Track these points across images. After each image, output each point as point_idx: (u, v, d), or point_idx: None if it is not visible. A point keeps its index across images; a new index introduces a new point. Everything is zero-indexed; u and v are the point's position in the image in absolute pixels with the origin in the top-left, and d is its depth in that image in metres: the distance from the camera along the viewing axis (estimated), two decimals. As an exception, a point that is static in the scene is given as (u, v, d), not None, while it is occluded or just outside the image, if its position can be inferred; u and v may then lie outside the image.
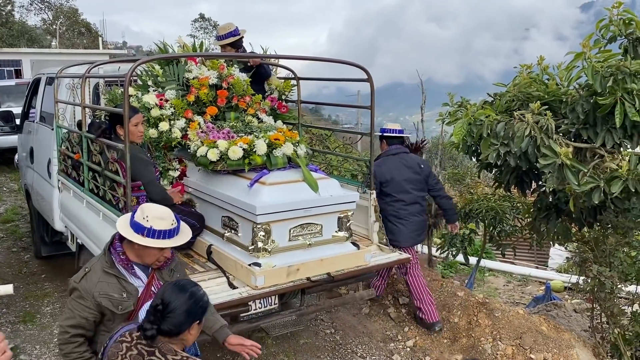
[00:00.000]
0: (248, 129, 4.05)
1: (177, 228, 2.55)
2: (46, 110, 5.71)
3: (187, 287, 2.22)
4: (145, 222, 2.47)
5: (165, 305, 2.13)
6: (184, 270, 3.02)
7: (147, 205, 2.59)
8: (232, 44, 4.87)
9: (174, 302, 2.14)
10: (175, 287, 2.20)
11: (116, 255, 2.57)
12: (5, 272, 6.18)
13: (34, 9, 39.04)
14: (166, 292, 2.18)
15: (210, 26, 44.96)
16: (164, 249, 2.54)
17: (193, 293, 2.19)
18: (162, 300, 2.15)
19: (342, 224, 3.78)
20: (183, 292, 2.18)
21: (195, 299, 2.18)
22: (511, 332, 4.39)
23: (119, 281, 2.55)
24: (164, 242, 2.50)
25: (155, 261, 2.58)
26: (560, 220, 4.53)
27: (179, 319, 2.13)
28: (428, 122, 11.59)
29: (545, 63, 4.25)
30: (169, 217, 2.53)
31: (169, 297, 2.15)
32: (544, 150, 3.60)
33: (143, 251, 2.53)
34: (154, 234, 2.46)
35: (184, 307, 2.14)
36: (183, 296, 2.16)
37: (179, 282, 2.27)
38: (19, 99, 11.05)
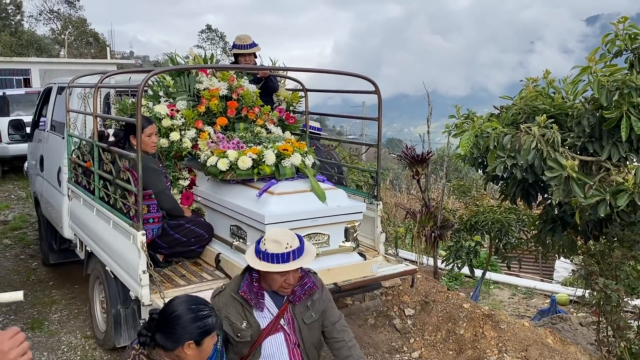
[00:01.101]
0: (257, 139, 4.11)
1: (296, 251, 2.41)
2: (57, 119, 5.78)
3: (190, 303, 2.08)
4: (262, 245, 2.42)
5: (160, 316, 2.03)
6: (333, 311, 2.74)
7: (272, 229, 2.53)
8: (252, 53, 5.02)
9: (170, 314, 2.02)
10: (179, 301, 2.08)
11: (248, 281, 2.49)
12: (13, 279, 6.23)
13: (43, 18, 39.52)
14: (170, 303, 2.08)
15: (217, 37, 45.32)
16: (285, 274, 2.41)
17: (193, 310, 2.03)
18: (162, 310, 2.05)
19: (349, 234, 3.81)
20: (184, 307, 2.05)
21: (193, 317, 2.02)
22: (517, 345, 4.39)
23: (243, 309, 2.46)
24: (278, 266, 2.38)
25: (280, 288, 2.45)
26: (566, 233, 4.55)
27: (170, 333, 2.01)
28: (433, 133, 11.65)
29: (551, 76, 4.30)
30: (284, 240, 2.41)
31: (169, 308, 2.04)
32: (550, 163, 3.63)
33: (265, 276, 2.45)
34: (268, 257, 2.38)
35: (177, 322, 2.00)
36: (182, 311, 2.03)
37: (187, 298, 2.13)
38: (29, 107, 11.19)
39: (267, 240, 2.41)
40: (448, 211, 6.82)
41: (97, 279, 4.47)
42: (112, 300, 4.07)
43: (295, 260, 2.41)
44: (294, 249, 2.40)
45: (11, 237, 7.87)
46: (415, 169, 6.05)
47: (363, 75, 4.24)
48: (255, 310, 2.48)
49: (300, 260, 2.42)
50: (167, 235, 3.79)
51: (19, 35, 33.04)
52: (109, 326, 4.19)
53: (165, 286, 3.49)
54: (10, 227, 8.26)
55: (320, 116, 8.21)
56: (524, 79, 4.56)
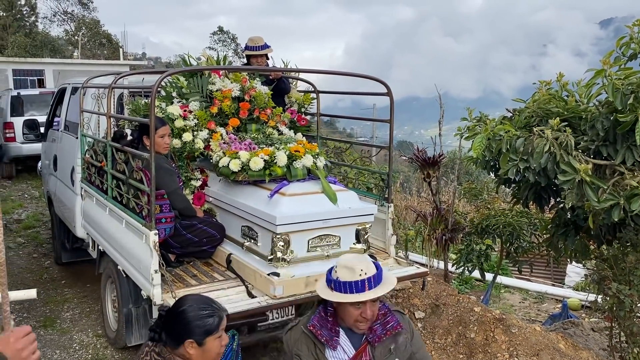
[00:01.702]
0: (269, 140, 4.13)
1: (372, 279, 2.11)
2: (71, 119, 5.84)
3: (196, 302, 2.05)
4: (333, 273, 2.15)
5: (167, 313, 2.04)
6: (424, 353, 2.38)
7: (343, 256, 2.24)
8: (264, 55, 5.02)
9: (174, 312, 2.02)
10: (186, 300, 2.07)
11: (320, 314, 2.22)
12: (26, 278, 6.29)
13: (57, 20, 39.91)
14: (177, 301, 2.07)
15: (229, 39, 45.49)
16: (360, 306, 2.11)
17: (196, 309, 2.00)
18: (169, 308, 2.05)
19: (360, 236, 3.82)
20: (188, 306, 2.02)
21: (193, 315, 1.99)
22: (528, 349, 4.36)
23: (315, 347, 2.19)
24: (351, 296, 2.08)
25: (356, 322, 2.15)
26: (578, 237, 4.51)
27: (173, 331, 2.00)
28: (444, 136, 11.63)
29: (564, 79, 4.27)
30: (358, 267, 2.12)
31: (175, 306, 2.04)
32: (564, 166, 3.61)
33: (339, 309, 2.17)
34: (340, 286, 2.09)
35: (179, 320, 2.00)
36: (185, 310, 2.01)
37: (195, 297, 2.12)
38: (42, 107, 11.31)
39: (339, 267, 2.14)
40: (459, 214, 6.79)
41: (109, 278, 4.50)
42: (123, 299, 4.10)
43: (372, 290, 2.10)
44: (369, 277, 2.10)
45: (24, 235, 7.96)
46: (427, 171, 6.03)
47: (375, 77, 4.24)
48: (327, 349, 2.19)
49: (377, 289, 2.12)
50: (179, 235, 3.82)
51: (33, 36, 33.39)
52: (120, 325, 4.21)
53: (177, 286, 3.52)
54: (23, 226, 8.35)
55: (331, 118, 8.21)
56: (536, 82, 4.53)
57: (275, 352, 4.47)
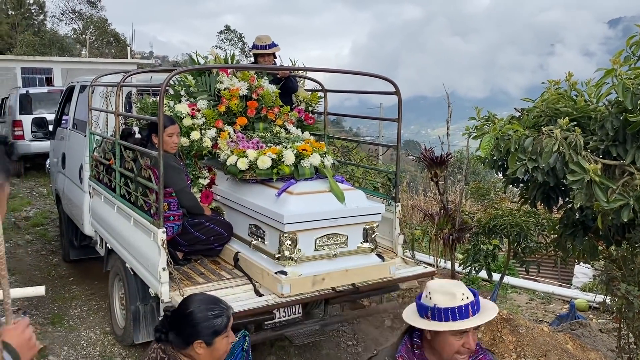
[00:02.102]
0: (276, 139, 4.13)
1: (474, 304, 1.90)
2: (79, 118, 5.87)
3: (203, 302, 2.04)
4: (427, 299, 1.92)
5: (173, 314, 2.03)
6: None
7: (432, 281, 2.05)
8: (271, 54, 5.03)
9: (182, 313, 2.01)
10: (192, 300, 2.07)
11: (407, 345, 2.00)
12: (34, 275, 6.33)
13: (65, 18, 40.16)
14: (184, 301, 2.07)
15: (236, 38, 45.57)
16: (463, 335, 1.89)
17: (204, 310, 2.00)
18: (175, 309, 2.05)
19: (368, 235, 3.81)
20: (195, 306, 2.02)
21: (202, 316, 1.98)
22: (536, 350, 4.34)
23: None
24: (457, 323, 1.86)
25: (456, 355, 1.92)
26: (587, 238, 4.48)
27: (181, 331, 2.00)
28: (451, 136, 11.62)
29: (573, 79, 4.24)
30: (458, 291, 1.92)
31: (182, 306, 2.04)
32: (572, 166, 3.58)
33: (435, 341, 1.93)
34: (441, 314, 1.86)
35: (187, 321, 1.99)
36: (193, 310, 2.00)
37: (202, 297, 2.11)
38: (51, 105, 11.39)
39: (434, 292, 1.91)
40: (466, 214, 6.76)
41: (117, 275, 4.52)
42: (131, 296, 4.11)
43: (476, 316, 1.89)
44: (471, 301, 1.89)
45: (32, 233, 8.01)
46: (434, 171, 6.00)
47: (383, 76, 4.24)
48: None
49: (481, 316, 1.91)
50: (187, 233, 3.83)
51: (41, 35, 33.60)
52: (128, 322, 4.23)
53: (184, 284, 3.53)
54: (31, 224, 8.40)
55: (338, 117, 8.19)
56: (545, 82, 4.51)
57: (282, 351, 4.48)
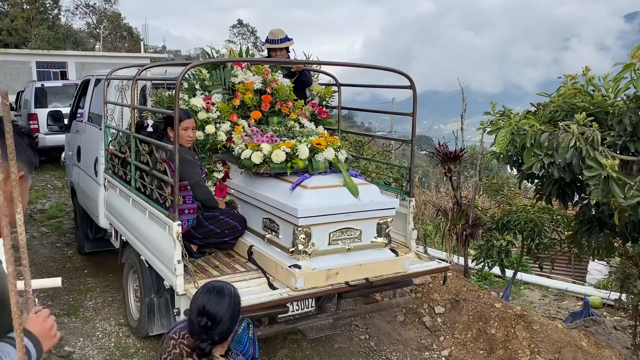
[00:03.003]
0: (290, 133, 4.13)
1: None
2: (94, 111, 5.91)
3: (223, 291, 2.14)
4: None
5: (211, 320, 2.07)
6: None
7: None
8: (286, 48, 5.01)
9: (218, 313, 2.08)
10: (213, 296, 2.12)
11: None
12: (50, 267, 6.41)
13: (79, 13, 40.45)
14: (207, 304, 2.10)
15: (248, 32, 45.59)
16: None
17: (230, 296, 2.13)
18: (206, 314, 2.08)
19: (382, 230, 3.80)
20: (222, 298, 2.11)
21: (234, 302, 2.13)
22: (550, 346, 4.32)
23: None
24: None
25: None
26: (603, 234, 4.44)
27: (226, 326, 2.09)
28: (465, 130, 11.54)
29: (590, 74, 4.19)
30: None
31: (212, 309, 2.09)
32: (589, 162, 3.55)
33: None
34: None
35: (228, 314, 2.09)
36: (224, 303, 2.10)
37: (213, 288, 2.17)
38: (66, 99, 11.48)
39: None
40: (480, 209, 6.73)
41: (132, 268, 4.56)
42: (146, 289, 4.15)
43: None
44: None
45: (48, 225, 8.10)
46: (448, 166, 5.99)
47: (398, 69, 4.21)
48: None
49: None
50: (201, 226, 3.85)
51: (56, 29, 33.88)
52: (142, 314, 4.27)
53: (199, 276, 3.55)
54: (47, 216, 8.50)
55: (350, 111, 8.19)
56: (561, 76, 4.46)
57: (295, 344, 4.50)
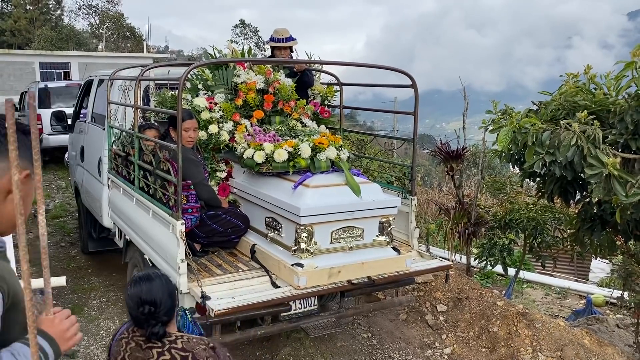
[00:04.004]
0: (293, 132, 4.15)
1: None
2: (97, 111, 5.94)
3: (150, 276, 2.23)
4: None
5: (153, 305, 2.13)
6: None
7: None
8: (288, 48, 5.04)
9: (155, 296, 2.14)
10: (144, 285, 2.19)
11: None
12: (54, 266, 6.44)
13: (82, 13, 40.57)
14: (142, 294, 2.16)
15: (251, 32, 45.63)
16: None
17: (158, 277, 2.22)
18: (146, 302, 2.13)
19: (384, 228, 3.82)
20: (152, 282, 2.19)
21: (164, 281, 2.22)
22: (552, 344, 4.33)
23: None
24: None
25: None
26: (605, 232, 4.44)
27: (169, 304, 2.16)
28: (467, 129, 11.55)
29: (591, 72, 4.20)
30: None
31: (148, 295, 2.14)
32: (591, 160, 3.55)
33: None
34: None
35: (165, 293, 2.17)
36: (157, 286, 2.18)
37: (140, 278, 2.24)
38: (69, 99, 11.53)
39: None
40: (482, 208, 6.74)
41: (135, 267, 4.58)
42: (149, 287, 4.16)
43: None
44: None
45: (52, 225, 8.13)
46: (450, 164, 5.99)
47: (399, 68, 4.23)
48: None
49: None
50: (205, 225, 3.87)
51: (59, 30, 33.96)
52: (146, 313, 4.29)
53: (202, 275, 3.57)
54: (51, 216, 8.53)
55: (352, 110, 8.20)
56: (563, 75, 4.47)
57: (297, 343, 4.52)
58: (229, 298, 3.29)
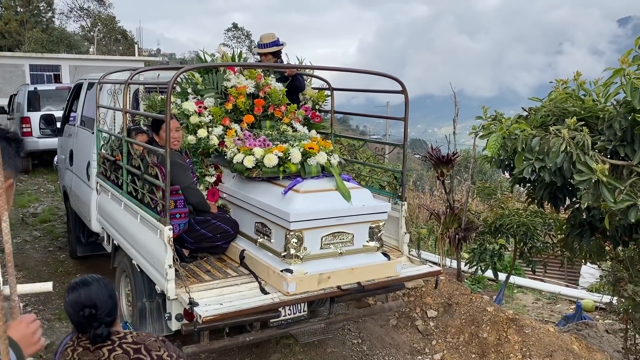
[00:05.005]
0: (283, 137, 4.13)
1: None
2: (87, 115, 5.90)
3: (86, 280, 2.18)
4: None
5: (93, 307, 2.10)
6: None
7: None
8: (273, 53, 5.00)
9: (94, 299, 2.10)
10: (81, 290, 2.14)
11: None
12: (42, 271, 6.38)
13: (73, 16, 40.37)
14: (80, 298, 2.12)
15: (243, 36, 45.64)
16: None
17: (95, 280, 2.17)
18: (86, 305, 2.10)
19: (374, 234, 3.81)
20: (90, 286, 2.14)
21: (102, 283, 2.17)
22: (541, 350, 4.33)
23: None
24: None
25: None
26: (594, 238, 4.46)
27: (110, 305, 2.13)
28: (458, 135, 11.59)
29: (582, 78, 4.22)
30: None
31: (87, 299, 2.11)
32: (580, 166, 3.57)
33: None
34: None
35: (105, 294, 2.14)
36: (95, 288, 2.13)
37: (76, 284, 2.19)
38: (59, 102, 11.43)
39: None
40: (472, 213, 6.75)
41: (124, 272, 4.54)
42: (137, 293, 4.13)
43: None
44: None
45: (40, 229, 8.06)
46: (440, 170, 6.01)
47: (390, 74, 4.23)
48: None
49: None
50: (193, 230, 3.84)
51: (49, 32, 33.78)
52: (134, 319, 4.25)
53: (191, 281, 3.54)
54: (39, 220, 8.46)
55: (344, 115, 8.19)
56: (553, 81, 4.49)
57: (287, 349, 4.49)
58: (217, 304, 3.26)
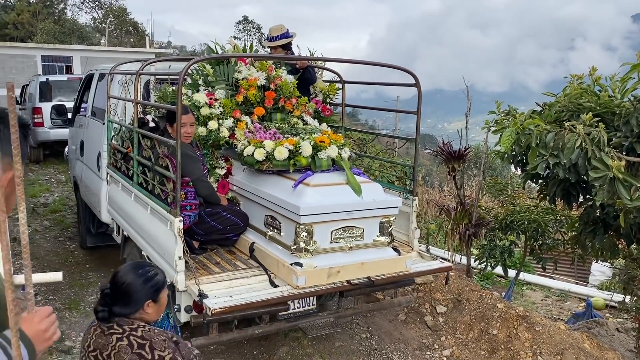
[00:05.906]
0: (294, 130, 4.10)
1: None
2: (97, 106, 5.90)
3: (136, 269, 2.21)
4: None
5: (113, 289, 2.15)
6: None
7: None
8: (283, 45, 4.96)
9: (122, 285, 2.15)
10: (125, 270, 2.20)
11: None
12: (52, 260, 6.41)
13: (85, 7, 40.55)
14: (117, 275, 2.19)
15: (254, 28, 45.59)
16: None
17: (142, 274, 2.19)
18: (112, 284, 2.16)
19: (384, 228, 3.78)
20: (132, 274, 2.18)
21: (144, 280, 2.17)
22: (552, 348, 4.29)
23: None
24: None
25: None
26: (607, 236, 4.40)
27: (128, 301, 2.14)
28: (469, 130, 11.47)
29: (596, 74, 4.15)
30: None
31: (119, 280, 2.16)
32: (595, 162, 3.51)
33: None
34: None
35: (132, 289, 2.15)
36: (132, 279, 2.16)
37: (131, 265, 2.26)
38: (70, 93, 11.48)
39: None
40: (483, 209, 6.70)
41: (133, 263, 4.54)
42: (147, 284, 4.13)
43: None
44: None
45: (51, 219, 8.10)
46: (452, 165, 5.95)
47: (403, 67, 4.19)
48: None
49: None
50: (203, 222, 3.83)
51: (61, 24, 33.95)
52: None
53: (200, 273, 3.53)
54: (50, 210, 8.51)
55: (354, 109, 8.16)
56: (567, 76, 4.43)
57: (295, 342, 4.48)
58: (226, 297, 3.25)
